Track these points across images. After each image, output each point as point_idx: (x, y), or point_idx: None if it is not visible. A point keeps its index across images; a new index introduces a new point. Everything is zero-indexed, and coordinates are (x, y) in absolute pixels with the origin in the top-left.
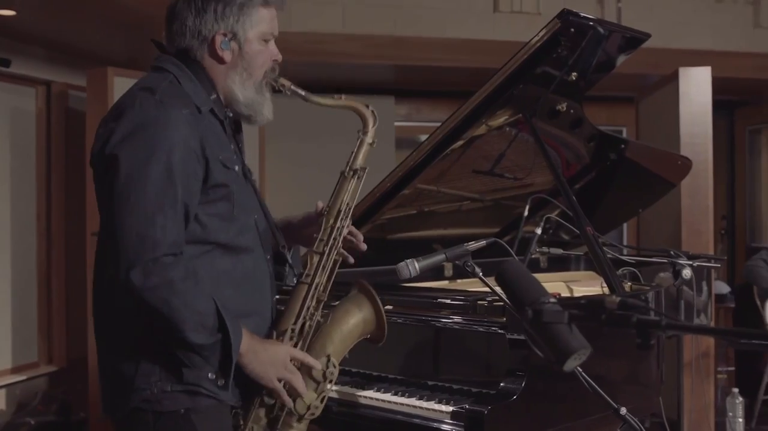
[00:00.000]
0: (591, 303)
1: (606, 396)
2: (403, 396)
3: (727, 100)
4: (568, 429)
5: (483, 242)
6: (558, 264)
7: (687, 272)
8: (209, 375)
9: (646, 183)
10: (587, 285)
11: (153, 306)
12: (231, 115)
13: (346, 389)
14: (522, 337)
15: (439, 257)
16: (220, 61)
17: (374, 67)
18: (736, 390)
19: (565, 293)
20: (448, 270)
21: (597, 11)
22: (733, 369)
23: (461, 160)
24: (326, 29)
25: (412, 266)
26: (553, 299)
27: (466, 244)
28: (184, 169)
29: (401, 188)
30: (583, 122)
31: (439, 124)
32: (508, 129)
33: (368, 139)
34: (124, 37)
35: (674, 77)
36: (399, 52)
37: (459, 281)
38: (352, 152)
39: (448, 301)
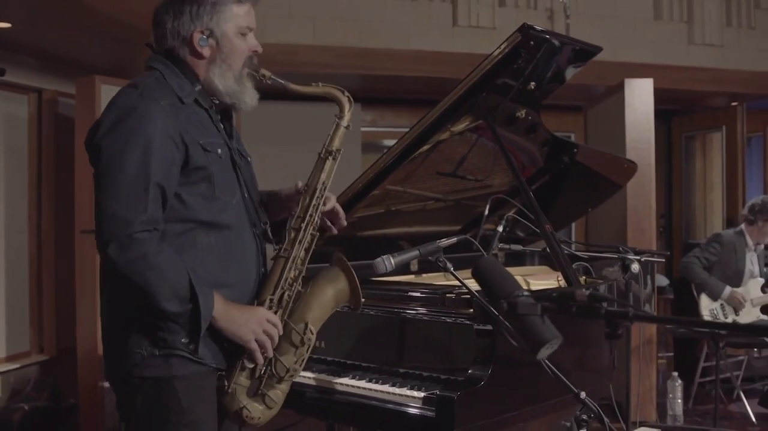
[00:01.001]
0: (562, 296)
1: (567, 382)
2: (377, 383)
3: (665, 110)
4: (530, 412)
5: (454, 239)
6: (514, 259)
7: (635, 267)
8: (182, 339)
9: (596, 185)
10: (542, 279)
11: (130, 278)
12: (217, 103)
13: (323, 376)
14: (488, 327)
15: (413, 254)
16: (200, 56)
17: (342, 76)
18: (675, 373)
19: (523, 287)
20: (414, 265)
21: (547, 26)
22: (671, 354)
23: (426, 163)
24: (298, 41)
25: (387, 261)
26: (526, 293)
27: (438, 241)
28: (161, 154)
29: (371, 188)
30: (537, 128)
31: (402, 129)
32: (469, 134)
33: (344, 122)
34: (110, 47)
35: (620, 88)
36: (365, 63)
37: (424, 275)
38: (329, 135)
39: (418, 294)
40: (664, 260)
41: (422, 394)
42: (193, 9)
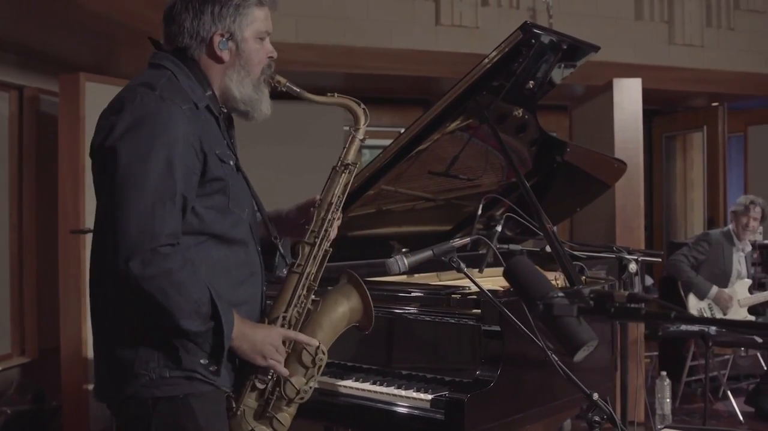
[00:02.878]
0: (600, 297)
1: (580, 383)
2: (381, 385)
3: (646, 109)
4: (537, 413)
5: (467, 240)
6: (505, 259)
7: (633, 266)
8: (201, 360)
9: (585, 184)
10: None
11: (150, 295)
12: (225, 110)
13: (325, 378)
14: (496, 328)
15: (426, 254)
16: (219, 60)
17: (325, 75)
18: (664, 373)
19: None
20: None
21: None
22: (656, 353)
23: (418, 162)
24: (281, 39)
25: (401, 261)
26: (561, 294)
27: (451, 241)
28: (183, 163)
29: (367, 188)
30: (527, 128)
31: (384, 129)
32: (460, 133)
33: (359, 135)
34: (94, 43)
35: (608, 87)
36: (348, 61)
37: (416, 275)
38: (344, 148)
39: (422, 294)
40: (660, 259)
41: (430, 396)
42: (215, 9)
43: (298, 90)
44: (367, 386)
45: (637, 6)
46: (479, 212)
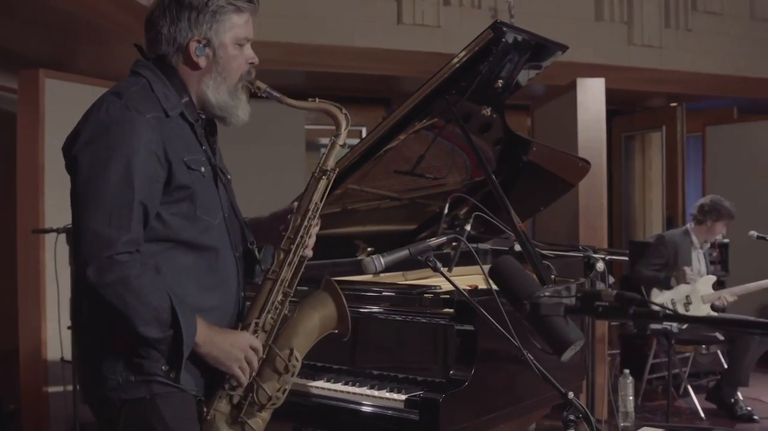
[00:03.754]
0: (587, 296)
1: (555, 382)
2: (353, 385)
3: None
4: (510, 412)
5: (443, 239)
6: (467, 258)
7: (600, 265)
8: (162, 367)
9: (549, 184)
10: None
11: (108, 302)
12: (203, 117)
13: (295, 379)
14: (469, 328)
15: (402, 253)
16: (195, 67)
17: (287, 73)
18: (627, 371)
19: (483, 286)
20: None
21: None
22: (618, 352)
23: (383, 161)
24: None
25: (378, 261)
26: (548, 293)
27: (427, 240)
28: (144, 171)
29: (335, 187)
30: (492, 127)
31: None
32: (425, 132)
33: (340, 141)
34: (55, 39)
35: (572, 87)
36: (310, 59)
37: (382, 275)
38: (323, 153)
39: (393, 294)
40: (627, 258)
41: (404, 396)
42: (192, 16)
43: (278, 95)
44: (339, 386)
45: (597, 7)
46: (446, 211)
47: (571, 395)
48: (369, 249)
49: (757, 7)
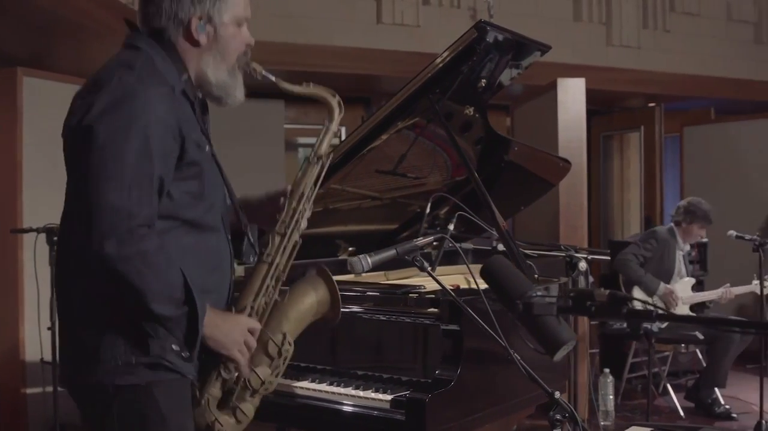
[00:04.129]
0: (580, 295)
1: (541, 382)
2: (338, 386)
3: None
4: (496, 412)
5: (431, 239)
6: (449, 258)
7: (583, 265)
8: (173, 346)
9: (530, 183)
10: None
11: (125, 276)
12: (200, 96)
13: (280, 379)
14: (454, 328)
15: (390, 253)
16: (195, 44)
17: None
18: (607, 370)
19: (464, 285)
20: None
21: (470, 26)
22: (597, 350)
23: (365, 160)
24: None
25: (365, 261)
26: (540, 293)
27: (414, 240)
28: (162, 145)
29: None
30: (473, 126)
31: (323, 126)
32: (406, 132)
33: (333, 127)
34: (34, 37)
35: (552, 87)
36: (289, 58)
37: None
38: (318, 138)
39: (378, 294)
40: (609, 258)
41: (390, 397)
42: None
43: (274, 79)
44: (324, 387)
45: (575, 7)
46: (428, 210)
47: (557, 395)
48: (350, 249)
49: (734, 8)
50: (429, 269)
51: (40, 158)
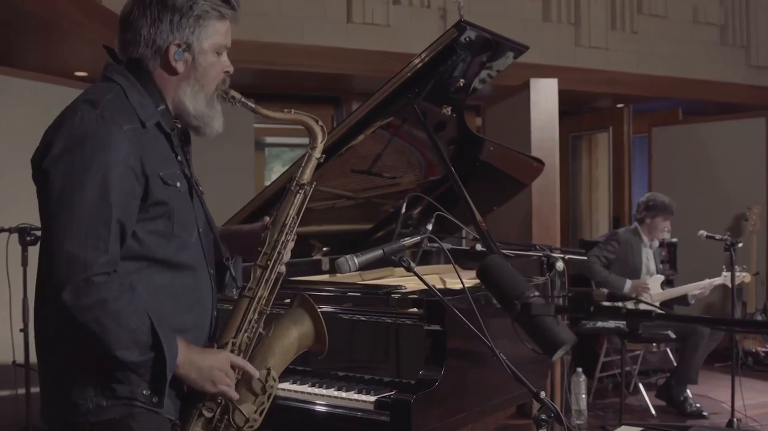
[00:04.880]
0: (579, 296)
1: (527, 382)
2: (320, 387)
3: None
4: (479, 411)
5: (417, 238)
6: (422, 259)
7: (560, 265)
8: (144, 391)
9: (503, 183)
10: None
11: (84, 325)
12: (179, 126)
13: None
14: (437, 328)
15: (376, 253)
16: (173, 72)
17: (236, 71)
18: (579, 369)
19: (440, 286)
20: (325, 265)
21: (440, 26)
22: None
23: (340, 160)
24: None
25: (351, 261)
26: (537, 293)
27: (401, 240)
28: (122, 187)
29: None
30: (446, 126)
31: (293, 126)
32: (381, 131)
33: (316, 153)
34: None
35: (525, 87)
36: (259, 57)
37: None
38: (300, 166)
39: (359, 294)
40: (585, 257)
41: (373, 398)
42: (174, 18)
43: (253, 106)
44: (305, 388)
45: (544, 8)
46: (403, 210)
47: (543, 394)
48: (324, 249)
49: (700, 10)
50: (415, 269)
51: (9, 157)
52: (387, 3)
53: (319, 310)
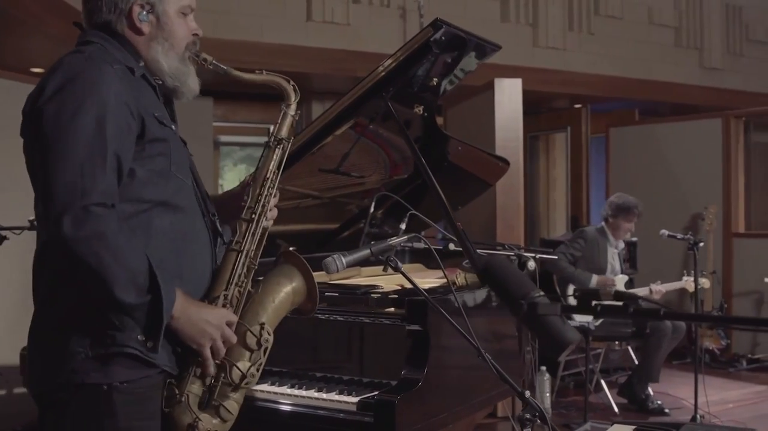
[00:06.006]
0: (585, 294)
1: (512, 381)
2: (299, 388)
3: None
4: (462, 411)
5: (405, 238)
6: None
7: (531, 264)
8: (138, 336)
9: (467, 183)
10: (426, 277)
11: (82, 259)
12: (160, 83)
13: None
14: (418, 328)
15: (364, 253)
16: (138, 32)
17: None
18: (544, 367)
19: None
20: None
21: (400, 25)
22: (530, 348)
23: (307, 159)
24: None
25: (339, 261)
26: (542, 293)
27: (389, 240)
28: (116, 121)
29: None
30: (411, 125)
31: (253, 125)
32: (348, 131)
33: (291, 111)
34: None
35: (489, 87)
36: (218, 55)
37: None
38: (276, 123)
39: (337, 294)
40: (556, 257)
41: (355, 399)
42: None
43: (225, 68)
44: (284, 390)
45: (503, 8)
46: (371, 209)
47: (527, 394)
48: (291, 249)
49: (655, 12)
50: (402, 269)
51: None
52: (347, 2)
53: (308, 266)
